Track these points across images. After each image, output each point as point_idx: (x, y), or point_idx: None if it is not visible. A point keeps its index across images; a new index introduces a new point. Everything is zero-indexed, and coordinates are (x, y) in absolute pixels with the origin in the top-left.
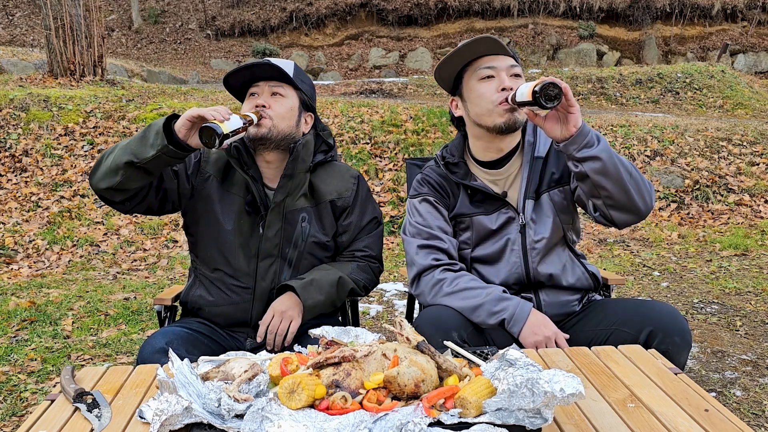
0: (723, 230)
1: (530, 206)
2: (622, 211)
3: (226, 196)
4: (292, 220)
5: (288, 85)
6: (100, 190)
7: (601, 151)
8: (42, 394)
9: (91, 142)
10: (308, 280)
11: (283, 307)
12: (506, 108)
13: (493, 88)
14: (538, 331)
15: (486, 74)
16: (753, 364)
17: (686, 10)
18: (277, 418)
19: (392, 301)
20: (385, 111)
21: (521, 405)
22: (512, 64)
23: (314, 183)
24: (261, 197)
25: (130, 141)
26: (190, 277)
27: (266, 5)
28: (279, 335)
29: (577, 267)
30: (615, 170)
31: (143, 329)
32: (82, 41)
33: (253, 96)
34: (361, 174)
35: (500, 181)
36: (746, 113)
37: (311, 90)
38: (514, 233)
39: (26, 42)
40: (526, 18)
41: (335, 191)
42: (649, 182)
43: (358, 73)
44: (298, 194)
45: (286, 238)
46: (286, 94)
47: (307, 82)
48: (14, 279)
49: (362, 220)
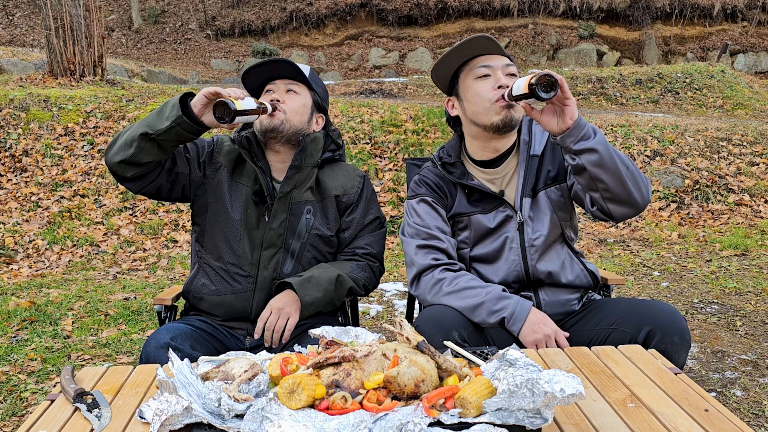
0: (723, 230)
1: (527, 204)
2: (619, 204)
3: (235, 186)
4: (297, 211)
5: (303, 85)
6: (114, 164)
7: (598, 143)
8: (42, 394)
9: (91, 142)
10: (306, 277)
11: (280, 304)
12: (503, 105)
13: (489, 86)
14: (538, 329)
15: (482, 73)
16: (753, 364)
17: (686, 10)
18: (277, 418)
19: (392, 301)
20: (385, 111)
21: (521, 405)
22: (507, 63)
23: (321, 178)
24: (268, 188)
25: (147, 116)
26: (194, 267)
27: (266, 5)
28: (276, 332)
29: (576, 264)
30: (612, 162)
31: (143, 329)
32: (82, 41)
33: (268, 92)
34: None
35: (497, 180)
36: (746, 113)
37: (324, 93)
38: (512, 231)
39: (26, 42)
40: (526, 18)
41: (341, 187)
42: (645, 176)
43: (358, 73)
44: (304, 187)
45: (290, 229)
46: (301, 92)
47: (321, 86)
48: (14, 279)
49: (365, 218)
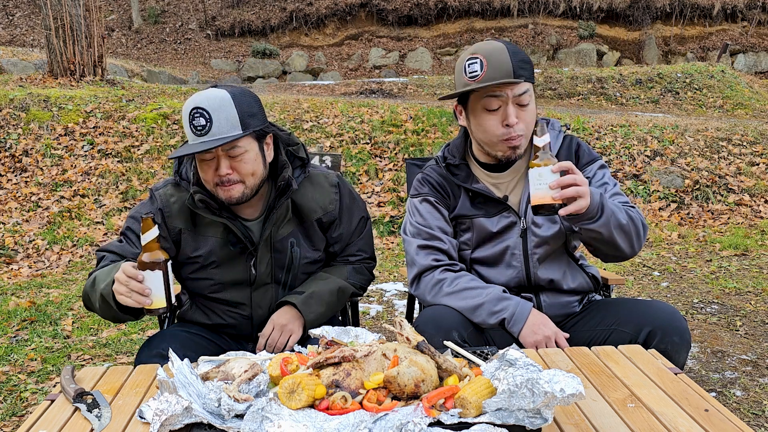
0: (723, 230)
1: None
2: (608, 255)
3: (204, 242)
4: (282, 247)
5: (242, 138)
6: None
7: (602, 225)
8: (42, 394)
9: (91, 142)
10: (308, 293)
11: (283, 321)
12: (509, 146)
13: (497, 122)
14: (538, 330)
15: (492, 106)
16: (753, 364)
17: (686, 10)
18: (277, 418)
19: (392, 301)
20: (385, 111)
21: (521, 405)
22: (520, 93)
23: (296, 201)
24: (243, 233)
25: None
26: (184, 295)
27: (266, 5)
28: (278, 348)
29: (578, 271)
30: (610, 238)
31: (143, 329)
32: (82, 41)
33: (208, 163)
34: (340, 176)
35: (502, 185)
36: (746, 113)
37: (257, 108)
38: (514, 238)
39: (26, 42)
40: (526, 18)
41: (319, 207)
42: (643, 224)
43: (358, 73)
44: (283, 221)
45: (278, 266)
46: (244, 147)
47: (252, 109)
48: (14, 279)
49: (351, 226)
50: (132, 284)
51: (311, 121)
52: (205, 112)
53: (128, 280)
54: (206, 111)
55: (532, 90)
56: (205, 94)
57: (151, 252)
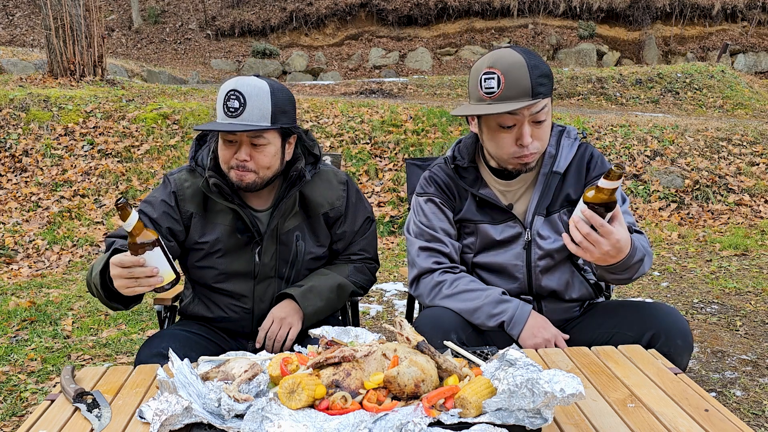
0: (723, 230)
1: (539, 222)
2: (612, 281)
3: (212, 228)
4: (287, 240)
5: (269, 131)
6: None
7: (623, 271)
8: (42, 394)
9: (91, 142)
10: (308, 287)
11: (282, 314)
12: (521, 162)
13: (511, 140)
14: (538, 333)
15: (507, 123)
16: (753, 364)
17: (686, 10)
18: (277, 418)
19: (392, 301)
20: (385, 111)
21: (521, 405)
22: (537, 110)
23: (304, 194)
24: (251, 221)
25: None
26: (188, 289)
27: (266, 5)
28: (278, 341)
29: (581, 282)
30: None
31: (143, 329)
32: (82, 41)
33: (230, 144)
34: (349, 176)
35: (509, 193)
36: (746, 113)
37: (290, 107)
38: (518, 248)
39: (26, 42)
40: (526, 18)
41: (326, 202)
42: (649, 253)
43: (358, 73)
44: (290, 214)
45: (283, 259)
46: (268, 140)
47: (286, 107)
48: (14, 279)
49: (355, 224)
50: (137, 271)
51: (311, 121)
52: (242, 96)
53: (131, 270)
54: (243, 95)
55: (549, 105)
56: (247, 80)
57: (141, 233)
